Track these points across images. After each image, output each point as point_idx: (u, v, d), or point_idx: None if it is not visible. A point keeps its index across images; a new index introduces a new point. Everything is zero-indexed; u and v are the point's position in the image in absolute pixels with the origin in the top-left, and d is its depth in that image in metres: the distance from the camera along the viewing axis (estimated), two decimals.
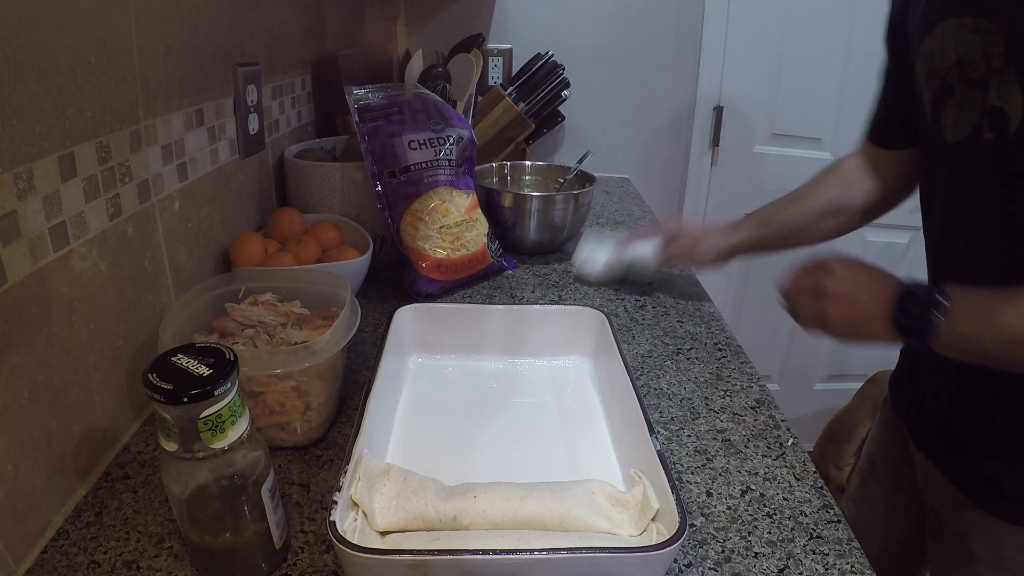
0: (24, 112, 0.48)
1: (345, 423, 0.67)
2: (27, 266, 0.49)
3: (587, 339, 0.75)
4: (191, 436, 0.42)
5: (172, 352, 0.44)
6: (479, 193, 1.06)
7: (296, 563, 0.50)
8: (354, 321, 0.63)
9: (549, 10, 1.66)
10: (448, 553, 0.43)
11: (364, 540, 0.46)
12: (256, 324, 0.65)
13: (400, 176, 0.90)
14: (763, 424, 0.68)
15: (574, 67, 1.57)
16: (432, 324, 0.75)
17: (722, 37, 1.69)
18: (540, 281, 1.00)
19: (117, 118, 0.60)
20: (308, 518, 0.54)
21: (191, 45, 0.74)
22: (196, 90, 0.75)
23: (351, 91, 0.93)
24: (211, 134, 0.80)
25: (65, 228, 0.53)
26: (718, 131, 1.78)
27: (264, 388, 0.58)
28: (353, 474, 0.49)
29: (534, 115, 1.52)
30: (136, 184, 0.63)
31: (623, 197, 1.53)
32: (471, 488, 0.51)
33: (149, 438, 0.64)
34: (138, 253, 0.64)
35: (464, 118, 1.01)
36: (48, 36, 0.50)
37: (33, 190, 0.49)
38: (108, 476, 0.58)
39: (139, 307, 0.65)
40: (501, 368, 0.75)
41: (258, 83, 0.92)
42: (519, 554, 0.43)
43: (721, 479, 0.60)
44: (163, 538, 0.52)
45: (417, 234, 0.90)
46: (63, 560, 0.50)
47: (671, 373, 0.78)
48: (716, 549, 0.52)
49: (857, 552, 0.52)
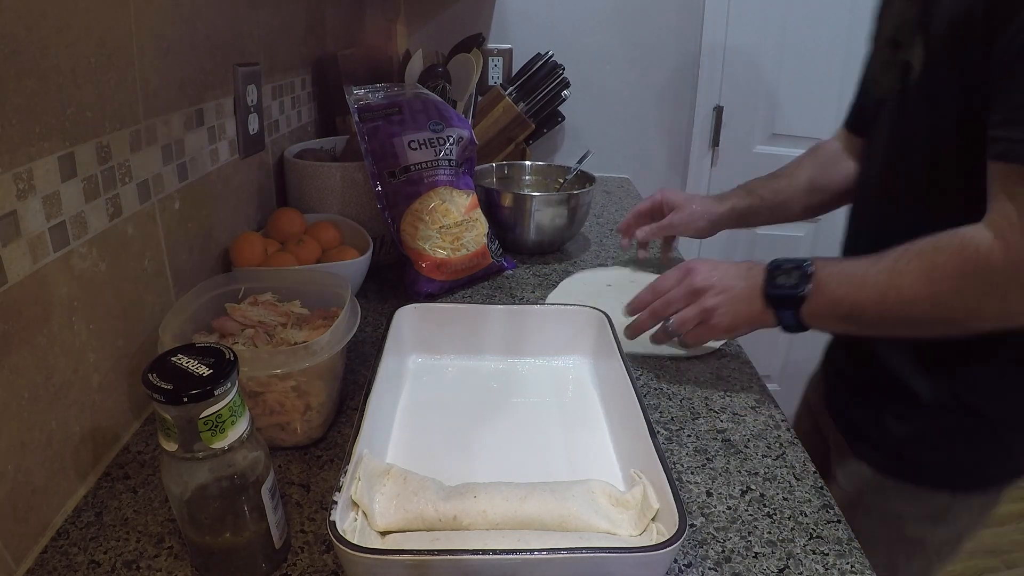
0: (24, 112, 0.48)
1: (345, 423, 0.67)
2: (27, 266, 0.49)
3: (587, 339, 0.75)
4: (191, 436, 0.42)
5: (172, 352, 0.44)
6: (479, 193, 1.06)
7: (296, 563, 0.50)
8: (354, 321, 0.63)
9: (549, 10, 1.67)
10: (448, 553, 0.43)
11: (364, 540, 0.46)
12: (256, 324, 0.65)
13: (400, 176, 0.90)
14: (763, 424, 0.68)
15: (574, 67, 1.57)
16: (432, 324, 0.75)
17: (722, 37, 1.69)
18: (540, 281, 1.00)
19: (117, 118, 0.60)
20: (308, 518, 0.54)
21: (191, 45, 0.74)
22: (196, 90, 0.75)
23: (351, 91, 0.93)
24: (211, 134, 0.80)
25: (65, 228, 0.53)
26: (718, 131, 1.78)
27: (264, 388, 0.58)
28: (353, 474, 0.49)
29: (534, 115, 1.52)
30: (136, 184, 0.63)
31: (623, 197, 1.53)
32: (471, 488, 0.51)
33: (149, 438, 0.64)
34: (138, 253, 0.64)
35: (464, 118, 1.01)
36: (48, 36, 0.50)
37: (33, 190, 0.49)
38: (108, 476, 0.58)
39: (139, 307, 0.65)
40: (501, 368, 0.75)
41: (258, 83, 0.92)
42: (519, 554, 0.43)
43: (721, 479, 0.60)
44: (163, 538, 0.52)
45: (417, 234, 0.90)
46: (63, 560, 0.50)
47: (671, 373, 0.78)
48: (716, 549, 0.52)
49: (857, 552, 0.52)
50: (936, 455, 0.72)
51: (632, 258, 1.08)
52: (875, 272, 0.61)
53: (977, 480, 0.73)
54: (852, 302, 0.62)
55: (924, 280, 0.59)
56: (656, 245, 1.06)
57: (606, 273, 1.03)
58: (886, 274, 0.60)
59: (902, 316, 0.61)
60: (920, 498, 0.73)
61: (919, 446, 0.73)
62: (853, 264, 0.63)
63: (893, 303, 0.60)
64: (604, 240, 1.21)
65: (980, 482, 0.73)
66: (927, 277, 0.58)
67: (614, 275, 1.02)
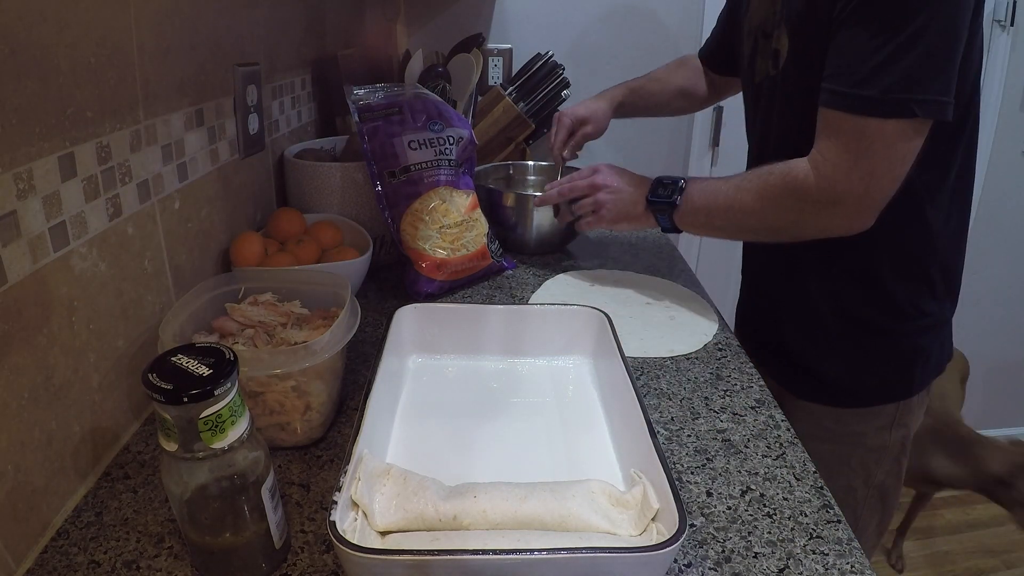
0: (24, 112, 0.48)
1: (345, 423, 0.67)
2: (27, 266, 0.49)
3: (587, 339, 0.75)
4: (191, 436, 0.42)
5: (172, 352, 0.44)
6: (482, 193, 1.06)
7: (296, 563, 0.50)
8: (354, 321, 0.63)
9: (549, 10, 1.66)
10: (448, 553, 0.43)
11: (364, 540, 0.46)
12: (256, 324, 0.65)
13: (400, 176, 0.90)
14: (763, 424, 0.68)
15: (574, 67, 1.57)
16: (432, 324, 0.75)
17: None
18: (540, 281, 1.00)
19: (117, 118, 0.60)
20: (308, 518, 0.54)
21: (191, 45, 0.74)
22: (196, 90, 0.75)
23: (351, 91, 0.93)
24: (211, 134, 0.80)
25: (65, 228, 0.53)
26: (718, 131, 1.78)
27: (264, 388, 0.58)
28: (353, 474, 0.49)
29: (534, 115, 1.51)
30: (136, 184, 0.63)
31: None
32: (471, 488, 0.51)
33: (149, 438, 0.64)
34: (138, 253, 0.64)
35: (464, 118, 1.01)
36: (48, 36, 0.50)
37: (33, 190, 0.49)
38: (108, 476, 0.58)
39: (139, 307, 0.65)
40: (501, 368, 0.75)
41: (258, 83, 0.92)
42: (519, 554, 0.43)
43: (721, 479, 0.60)
44: (163, 538, 0.52)
45: (417, 234, 0.90)
46: (63, 560, 0.50)
47: (671, 373, 0.78)
48: (716, 549, 0.52)
49: (857, 552, 0.52)
50: (871, 377, 0.87)
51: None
52: (726, 188, 0.78)
53: (911, 387, 0.87)
54: (708, 210, 0.80)
55: (757, 196, 0.75)
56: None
57: (590, 273, 1.04)
58: (733, 190, 0.77)
59: (743, 224, 0.79)
60: (873, 414, 0.88)
61: (857, 375, 0.87)
62: (714, 182, 0.80)
63: (737, 213, 0.77)
64: (606, 240, 1.21)
65: (916, 387, 0.87)
66: (759, 194, 0.75)
67: (598, 275, 1.03)
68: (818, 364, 0.89)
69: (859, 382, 0.87)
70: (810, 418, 0.88)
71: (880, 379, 0.87)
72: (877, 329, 0.84)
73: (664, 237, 1.24)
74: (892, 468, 0.91)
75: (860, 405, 0.88)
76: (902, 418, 0.88)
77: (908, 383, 0.87)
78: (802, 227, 0.75)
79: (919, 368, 0.87)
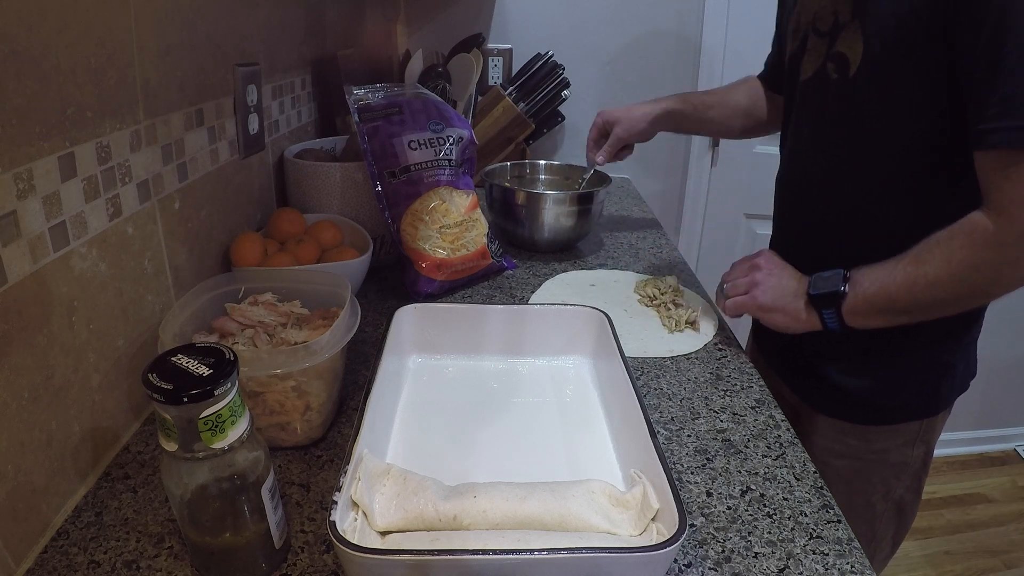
0: (24, 112, 0.48)
1: (345, 423, 0.67)
2: (27, 266, 0.49)
3: (587, 339, 0.75)
4: (191, 436, 0.42)
5: (172, 352, 0.44)
6: (494, 191, 1.06)
7: (296, 563, 0.50)
8: (354, 321, 0.63)
9: (549, 10, 1.66)
10: (448, 553, 0.43)
11: (364, 540, 0.46)
12: (256, 324, 0.65)
13: (400, 176, 0.90)
14: (763, 424, 0.68)
15: (574, 67, 1.57)
16: (432, 324, 0.75)
17: (722, 37, 1.69)
18: (540, 281, 1.00)
19: (117, 118, 0.60)
20: (308, 518, 0.54)
21: (191, 45, 0.74)
22: (196, 90, 0.75)
23: (351, 91, 0.93)
24: (211, 134, 0.80)
25: (65, 228, 0.53)
26: None
27: (264, 388, 0.58)
28: (353, 474, 0.49)
29: (534, 115, 1.52)
30: (136, 184, 0.63)
31: (623, 197, 1.53)
32: (471, 488, 0.51)
33: (149, 438, 0.64)
34: (138, 253, 0.64)
35: (464, 118, 1.01)
36: (48, 36, 0.50)
37: (33, 190, 0.49)
38: (108, 476, 0.58)
39: (139, 307, 0.65)
40: (501, 368, 0.75)
41: (258, 83, 0.92)
42: (519, 554, 0.43)
43: (721, 479, 0.60)
44: (163, 538, 0.52)
45: (417, 234, 0.90)
46: (63, 560, 0.50)
47: (671, 373, 0.78)
48: (716, 549, 0.52)
49: (857, 552, 0.52)
50: (898, 395, 0.84)
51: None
52: (902, 266, 0.69)
53: (937, 405, 0.85)
54: (886, 294, 0.70)
55: (944, 263, 0.67)
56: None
57: (589, 274, 1.04)
58: (912, 265, 0.69)
59: (930, 298, 0.69)
60: (897, 431, 0.86)
61: (884, 392, 0.84)
62: (881, 264, 0.71)
63: (922, 288, 0.68)
64: (606, 240, 1.21)
65: (941, 405, 0.86)
66: (946, 260, 0.67)
67: (597, 276, 1.03)
68: (844, 381, 0.86)
69: (886, 400, 0.85)
70: (834, 434, 0.88)
71: (906, 397, 0.85)
72: (905, 347, 0.82)
73: (664, 237, 1.24)
74: (912, 484, 0.90)
75: (886, 423, 0.86)
76: (925, 435, 0.86)
77: (934, 401, 0.85)
78: (999, 283, 0.67)
79: (945, 386, 0.85)
